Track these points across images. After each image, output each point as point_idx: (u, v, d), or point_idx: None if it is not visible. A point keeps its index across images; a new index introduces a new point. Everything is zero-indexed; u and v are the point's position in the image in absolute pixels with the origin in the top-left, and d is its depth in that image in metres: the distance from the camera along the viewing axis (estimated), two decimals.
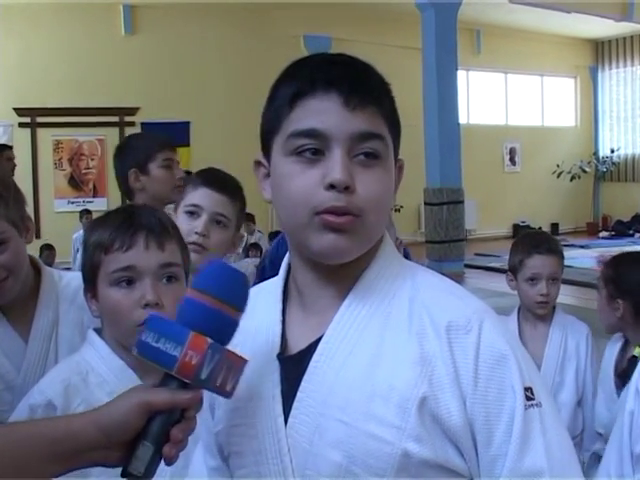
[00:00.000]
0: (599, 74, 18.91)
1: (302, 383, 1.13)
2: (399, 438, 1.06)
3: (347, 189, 1.09)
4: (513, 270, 2.97)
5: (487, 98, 17.43)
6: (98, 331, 1.65)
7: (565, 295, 9.08)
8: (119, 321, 1.55)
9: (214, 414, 1.27)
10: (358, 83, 1.11)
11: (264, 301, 1.25)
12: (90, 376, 1.59)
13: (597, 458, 2.60)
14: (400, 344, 1.10)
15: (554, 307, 2.96)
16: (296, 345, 1.18)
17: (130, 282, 1.54)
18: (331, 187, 1.08)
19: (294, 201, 1.11)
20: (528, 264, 2.90)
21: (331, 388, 1.11)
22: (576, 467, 1.13)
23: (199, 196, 2.27)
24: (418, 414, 1.06)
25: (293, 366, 1.15)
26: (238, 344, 1.26)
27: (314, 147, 1.10)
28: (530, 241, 3.00)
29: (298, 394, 1.13)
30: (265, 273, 2.71)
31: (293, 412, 1.13)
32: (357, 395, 1.09)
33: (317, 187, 1.09)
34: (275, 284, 1.26)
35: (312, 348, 1.14)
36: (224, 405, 1.24)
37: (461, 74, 13.07)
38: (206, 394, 1.08)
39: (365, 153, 1.11)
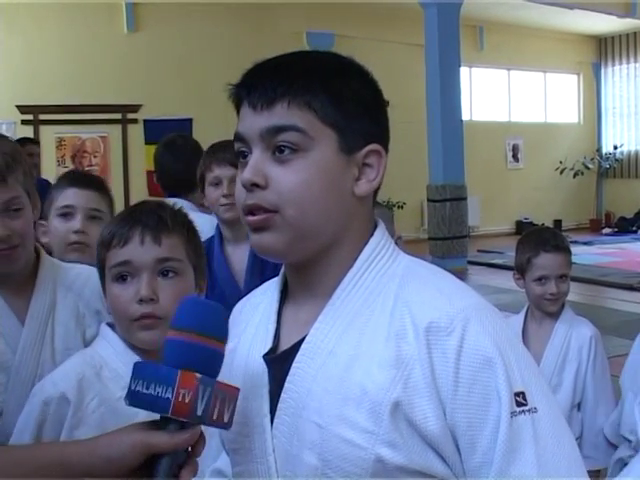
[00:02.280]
0: (602, 70, 18.85)
1: (285, 383, 1.12)
2: (372, 443, 1.04)
3: (257, 186, 1.09)
4: (520, 269, 2.90)
5: (490, 95, 17.39)
6: (111, 326, 1.66)
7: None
8: (118, 316, 1.58)
9: None
10: (262, 84, 1.11)
11: (268, 298, 1.25)
12: (104, 370, 1.60)
13: (623, 465, 2.53)
14: (377, 345, 1.07)
15: (563, 304, 2.89)
16: (286, 344, 1.17)
17: (127, 277, 1.56)
18: (244, 187, 1.11)
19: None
20: (536, 264, 2.84)
21: (309, 389, 1.09)
22: (579, 476, 1.07)
23: (69, 196, 2.27)
24: (391, 419, 1.03)
25: (279, 366, 1.14)
26: (240, 340, 1.27)
27: (242, 149, 1.14)
28: (536, 239, 2.92)
29: (282, 394, 1.12)
30: None
31: (277, 413, 1.12)
32: (332, 398, 1.07)
33: (241, 188, 1.12)
34: (277, 282, 1.25)
35: (296, 348, 1.13)
36: None
37: (464, 71, 13.06)
38: None
39: (279, 148, 1.09)
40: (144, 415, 1.52)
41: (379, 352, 1.07)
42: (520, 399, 1.04)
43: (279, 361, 1.15)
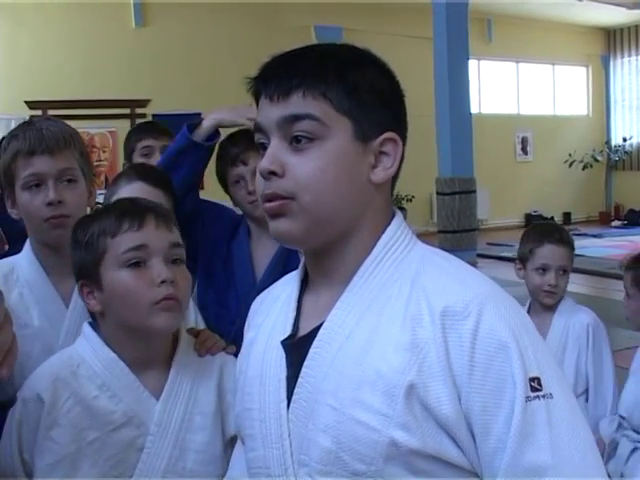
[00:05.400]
0: (611, 63, 18.77)
1: (303, 368, 1.14)
2: (386, 426, 1.05)
3: (274, 174, 1.12)
4: (522, 259, 2.95)
5: (499, 87, 17.35)
6: (92, 325, 1.66)
7: (577, 284, 9.06)
8: (133, 303, 1.55)
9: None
10: (278, 76, 1.14)
11: (289, 289, 1.27)
12: (81, 369, 1.59)
13: (616, 446, 2.56)
14: (393, 329, 1.09)
15: (561, 299, 2.91)
16: (304, 331, 1.19)
17: (141, 263, 1.55)
18: (261, 175, 1.13)
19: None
20: (538, 253, 2.88)
21: (326, 373, 1.11)
22: (595, 467, 1.06)
23: (134, 190, 2.22)
24: (405, 402, 1.05)
25: (297, 352, 1.16)
26: (260, 330, 1.29)
27: (262, 141, 1.17)
28: (542, 230, 2.98)
29: (299, 379, 1.14)
30: None
31: (294, 397, 1.14)
32: (347, 381, 1.09)
33: (261, 178, 1.15)
34: (297, 272, 1.28)
35: (314, 334, 1.15)
36: (240, 389, 1.27)
37: (472, 63, 13.01)
38: None
39: (296, 138, 1.12)
40: (120, 414, 1.54)
41: (395, 336, 1.08)
42: (535, 384, 1.04)
43: (297, 347, 1.17)
